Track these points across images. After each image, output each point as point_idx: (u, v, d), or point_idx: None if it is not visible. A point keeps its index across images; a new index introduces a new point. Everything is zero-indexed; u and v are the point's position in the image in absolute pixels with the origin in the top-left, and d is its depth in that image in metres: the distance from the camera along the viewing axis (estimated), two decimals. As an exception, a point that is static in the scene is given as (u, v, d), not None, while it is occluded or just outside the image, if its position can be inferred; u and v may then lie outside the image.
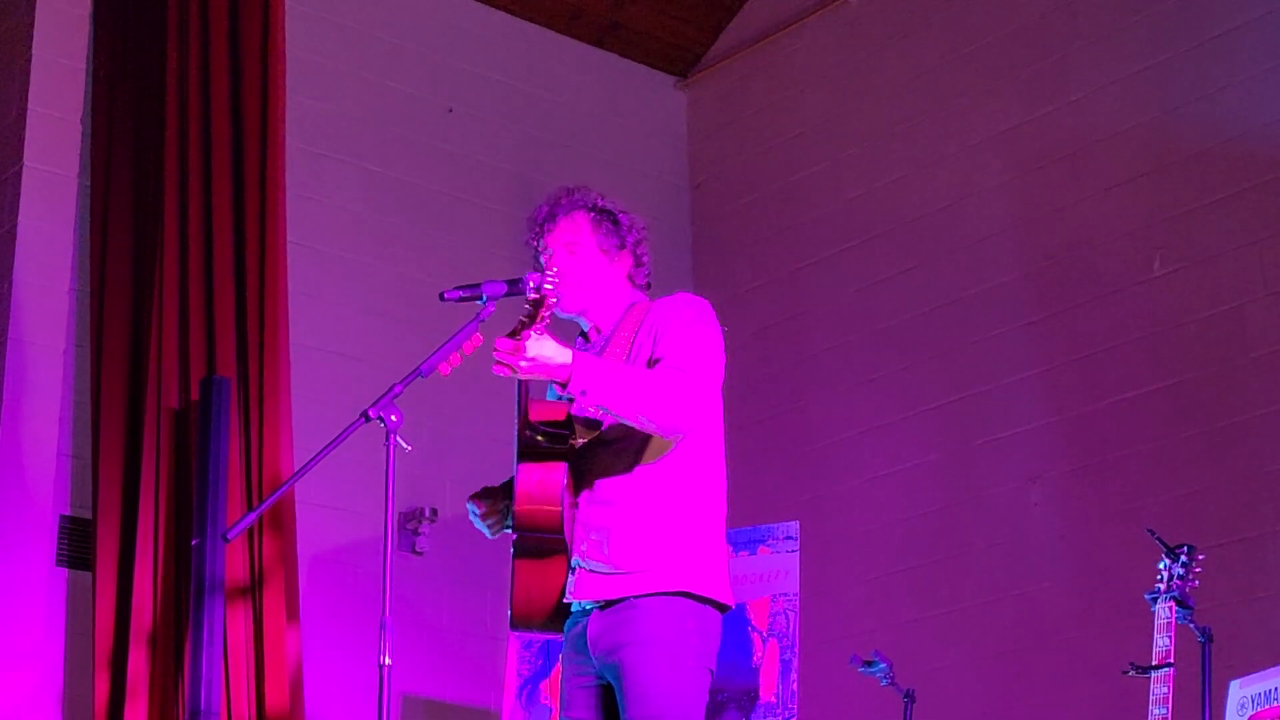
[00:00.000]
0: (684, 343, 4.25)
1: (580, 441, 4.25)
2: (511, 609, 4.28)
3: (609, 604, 4.18)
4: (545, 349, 4.06)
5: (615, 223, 4.51)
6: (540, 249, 4.50)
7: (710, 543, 4.26)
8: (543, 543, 4.21)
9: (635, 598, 4.14)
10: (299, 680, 6.51)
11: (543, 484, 4.19)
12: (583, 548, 4.21)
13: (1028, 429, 7.40)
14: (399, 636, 4.29)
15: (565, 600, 4.24)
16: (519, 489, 4.18)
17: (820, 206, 8.46)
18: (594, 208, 4.51)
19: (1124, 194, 7.29)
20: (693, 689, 4.13)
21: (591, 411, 4.20)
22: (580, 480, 4.26)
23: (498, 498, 4.43)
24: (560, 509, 4.17)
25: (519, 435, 4.24)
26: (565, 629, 4.29)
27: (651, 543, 4.17)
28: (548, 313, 4.02)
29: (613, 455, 4.24)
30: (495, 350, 4.08)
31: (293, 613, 6.54)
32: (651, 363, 4.26)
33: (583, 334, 4.52)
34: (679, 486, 4.24)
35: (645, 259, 4.55)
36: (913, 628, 7.51)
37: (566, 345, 4.12)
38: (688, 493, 4.25)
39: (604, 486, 4.23)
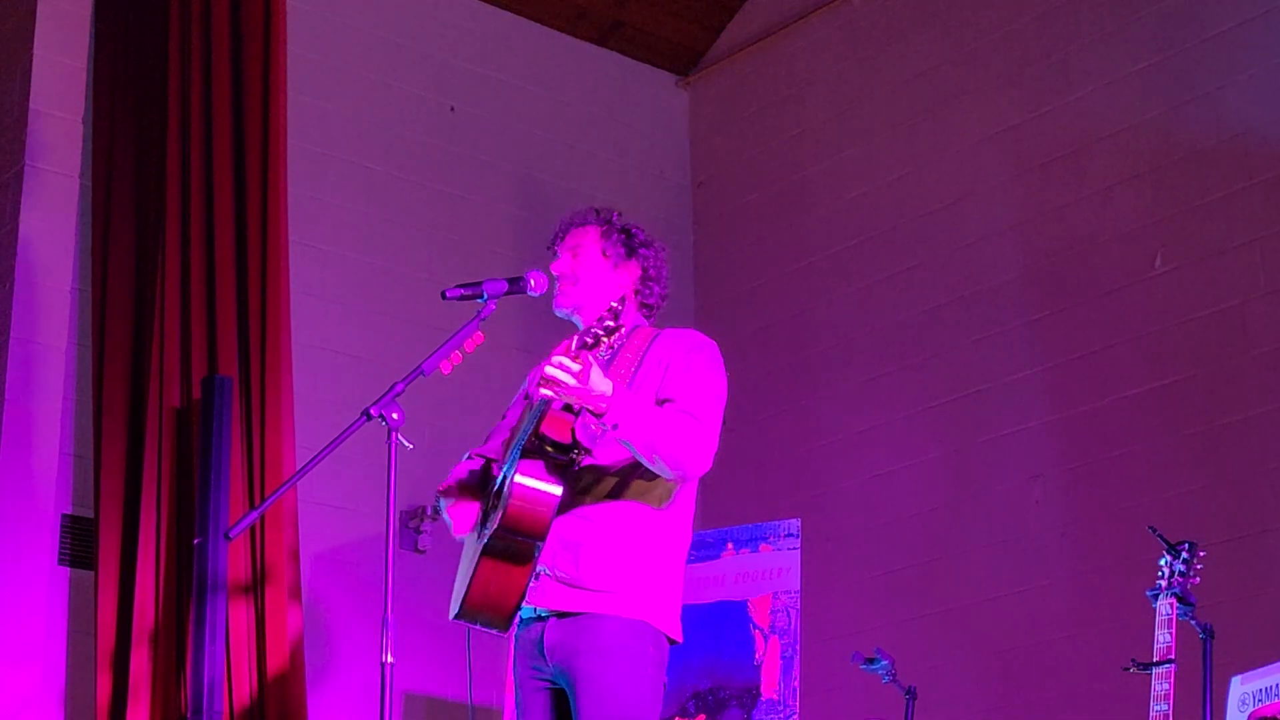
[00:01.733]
0: (698, 389, 4.27)
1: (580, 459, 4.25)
2: (464, 600, 4.25)
3: (567, 613, 4.18)
4: (596, 378, 4.06)
5: (627, 234, 4.50)
6: (552, 256, 4.51)
7: (672, 578, 4.30)
8: (519, 547, 4.19)
9: (591, 614, 4.16)
10: (301, 679, 6.52)
11: (541, 493, 4.17)
12: (552, 557, 4.21)
13: (1029, 427, 7.40)
14: (401, 634, 4.30)
15: (522, 605, 4.23)
16: (518, 488, 4.17)
17: (822, 205, 8.46)
18: (608, 221, 4.52)
19: (1125, 192, 7.29)
20: (649, 697, 4.16)
21: (602, 441, 4.19)
22: (567, 495, 4.25)
23: (472, 493, 4.41)
24: (551, 521, 4.16)
25: (528, 439, 4.23)
26: (516, 632, 4.29)
27: (621, 567, 4.19)
28: (619, 341, 4.03)
29: (600, 475, 4.25)
30: (552, 367, 4.04)
31: (295, 611, 6.55)
32: (660, 400, 4.26)
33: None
34: (656, 519, 4.27)
35: (654, 274, 4.51)
36: (915, 625, 7.51)
37: (607, 376, 4.13)
38: (662, 527, 4.28)
39: (586, 502, 4.24)
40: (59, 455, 6.88)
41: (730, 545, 6.82)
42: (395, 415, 4.24)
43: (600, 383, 4.07)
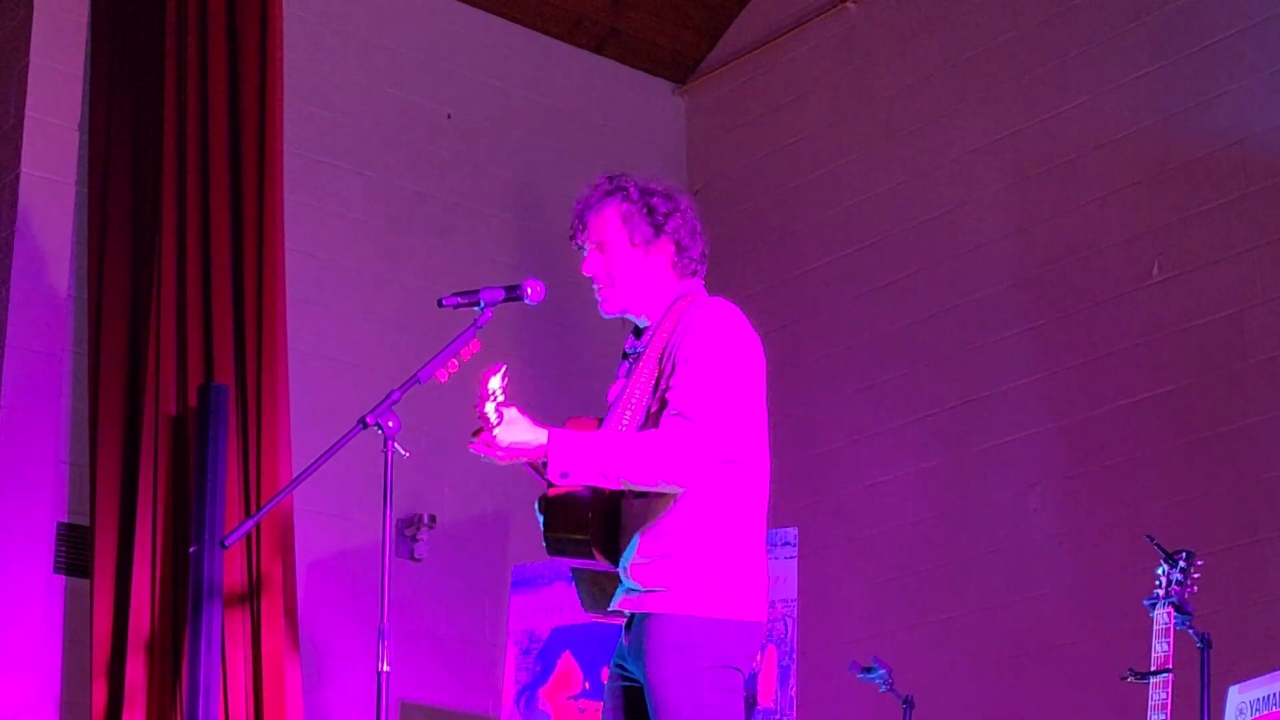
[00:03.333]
0: (694, 380, 4.07)
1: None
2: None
3: (634, 617, 4.16)
4: (517, 434, 3.97)
5: (649, 209, 4.31)
6: (578, 247, 4.42)
7: (736, 561, 4.11)
8: (582, 562, 4.21)
9: (653, 615, 4.12)
10: (297, 687, 6.50)
11: (567, 512, 4.16)
12: (618, 564, 4.19)
13: (1027, 435, 7.39)
14: (397, 643, 4.29)
15: (613, 608, 4.22)
16: (542, 518, 4.17)
17: (819, 213, 8.46)
18: (626, 197, 4.34)
19: (1123, 200, 7.29)
20: (710, 691, 4.03)
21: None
22: (616, 502, 4.21)
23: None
24: (587, 535, 4.12)
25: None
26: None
27: (669, 564, 4.08)
28: (491, 406, 3.89)
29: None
30: (471, 448, 4.01)
31: (291, 619, 6.53)
32: (661, 398, 4.13)
33: (635, 331, 4.37)
34: (703, 506, 4.10)
35: (688, 242, 4.33)
36: (912, 633, 7.50)
37: (540, 425, 4.01)
38: (712, 512, 4.11)
39: (628, 505, 4.18)
40: (55, 463, 6.88)
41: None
42: (391, 423, 4.23)
43: (532, 436, 3.97)
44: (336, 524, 7.38)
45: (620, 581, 4.18)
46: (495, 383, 3.89)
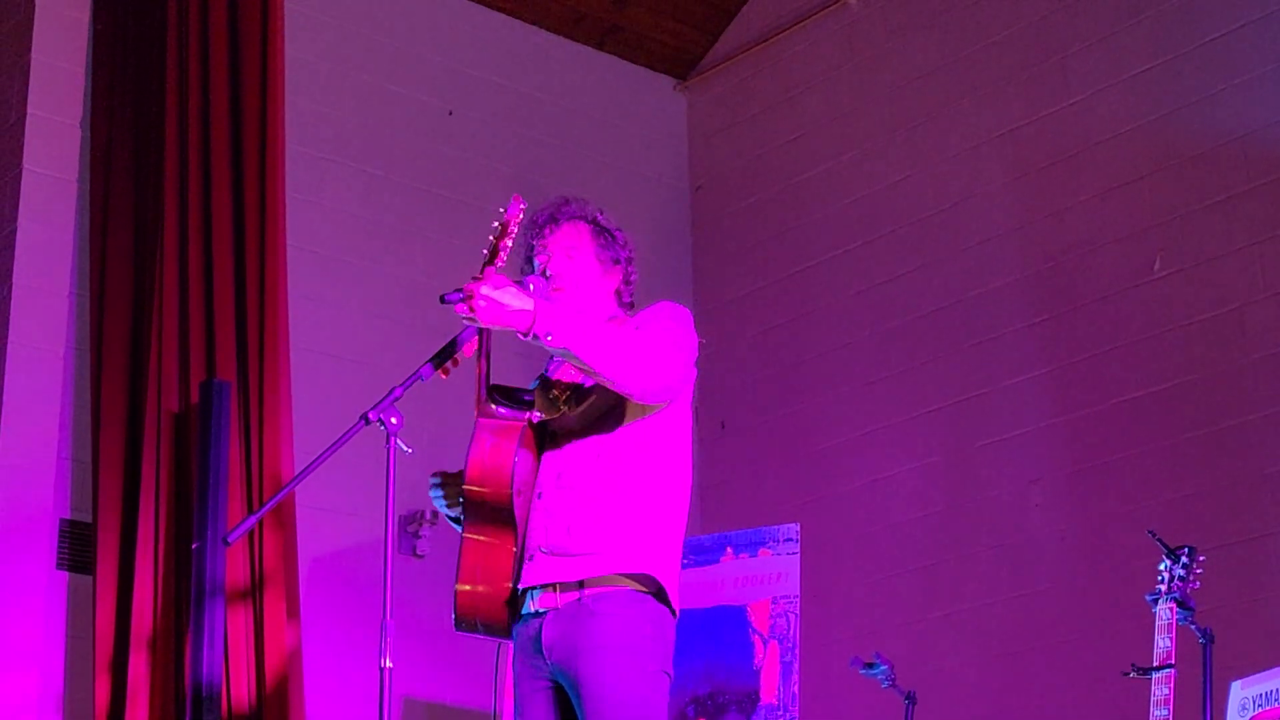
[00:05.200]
0: (654, 325, 4.28)
1: (538, 416, 4.26)
2: (455, 606, 4.24)
3: (565, 587, 4.17)
4: (503, 295, 4.08)
5: (611, 238, 4.54)
6: (538, 250, 4.52)
7: (669, 541, 4.26)
8: (493, 514, 4.20)
9: (590, 581, 4.14)
10: (300, 683, 6.51)
11: (495, 450, 4.21)
12: (545, 532, 4.20)
13: (1029, 430, 7.40)
14: (399, 639, 4.29)
15: (518, 587, 4.22)
16: (471, 455, 4.20)
17: (821, 209, 8.46)
18: (595, 222, 4.55)
19: (1124, 195, 7.29)
20: (652, 693, 4.13)
21: (558, 352, 4.18)
22: (548, 470, 4.27)
23: (456, 480, 4.42)
24: (510, 478, 4.17)
25: (477, 407, 4.26)
26: (514, 633, 4.28)
27: (613, 526, 4.17)
28: (509, 240, 4.07)
29: (580, 446, 4.26)
30: (459, 292, 4.09)
31: (293, 615, 6.54)
32: None
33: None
34: (644, 479, 4.23)
35: (633, 279, 4.58)
36: (914, 629, 7.51)
37: (530, 294, 4.14)
38: (652, 486, 4.24)
39: (570, 474, 4.24)
40: (57, 460, 6.88)
41: (729, 550, 6.81)
42: (394, 420, 4.23)
43: (517, 299, 4.09)
44: (339, 520, 7.38)
45: (520, 559, 4.21)
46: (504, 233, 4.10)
